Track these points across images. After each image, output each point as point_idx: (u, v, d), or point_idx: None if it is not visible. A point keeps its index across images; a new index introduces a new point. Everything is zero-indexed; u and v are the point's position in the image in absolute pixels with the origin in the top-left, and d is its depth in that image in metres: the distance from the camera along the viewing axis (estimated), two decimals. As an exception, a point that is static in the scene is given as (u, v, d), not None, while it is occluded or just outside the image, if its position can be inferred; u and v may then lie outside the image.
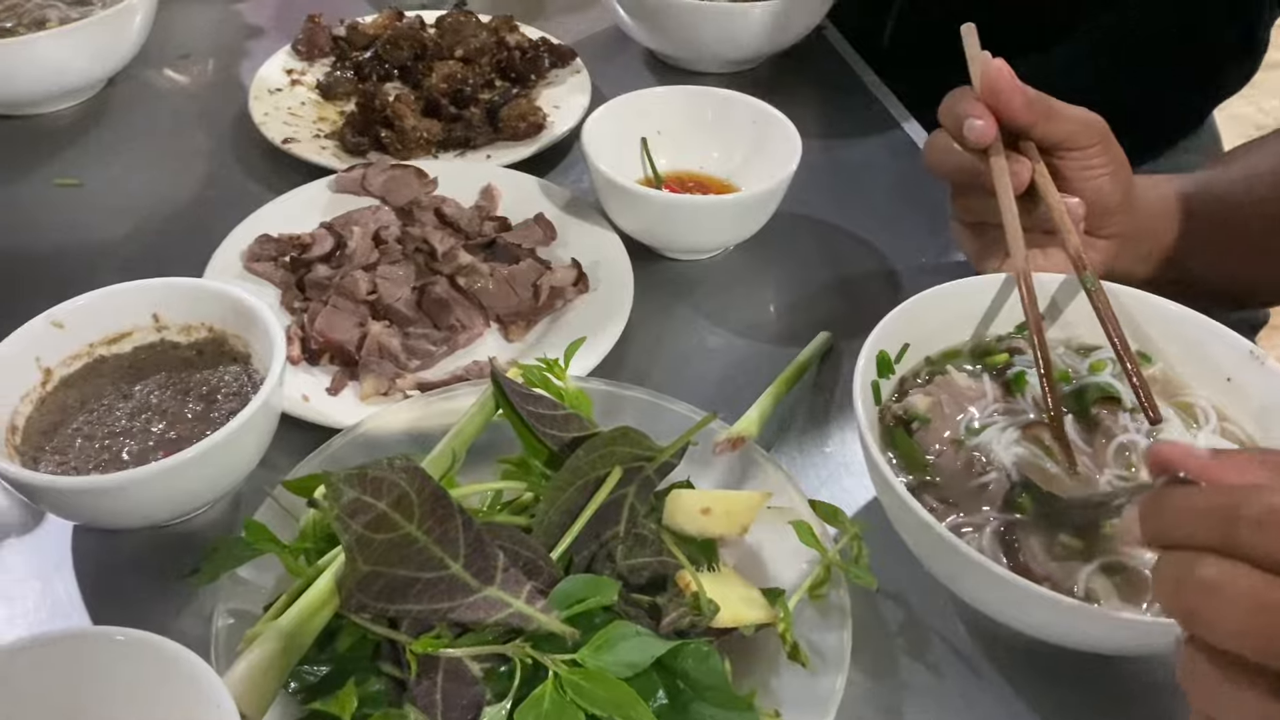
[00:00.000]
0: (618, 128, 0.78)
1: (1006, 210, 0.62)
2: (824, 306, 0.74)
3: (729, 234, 0.75)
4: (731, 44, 0.93)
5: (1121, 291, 0.61)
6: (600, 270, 0.72)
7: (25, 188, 0.81)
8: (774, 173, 0.73)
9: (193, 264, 0.72)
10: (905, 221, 0.81)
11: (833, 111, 0.94)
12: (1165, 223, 0.70)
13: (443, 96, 0.86)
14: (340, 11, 1.03)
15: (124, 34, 0.86)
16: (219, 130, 0.88)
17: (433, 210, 0.75)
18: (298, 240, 0.72)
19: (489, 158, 0.83)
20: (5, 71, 0.82)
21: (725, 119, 0.80)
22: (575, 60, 0.93)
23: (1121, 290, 0.61)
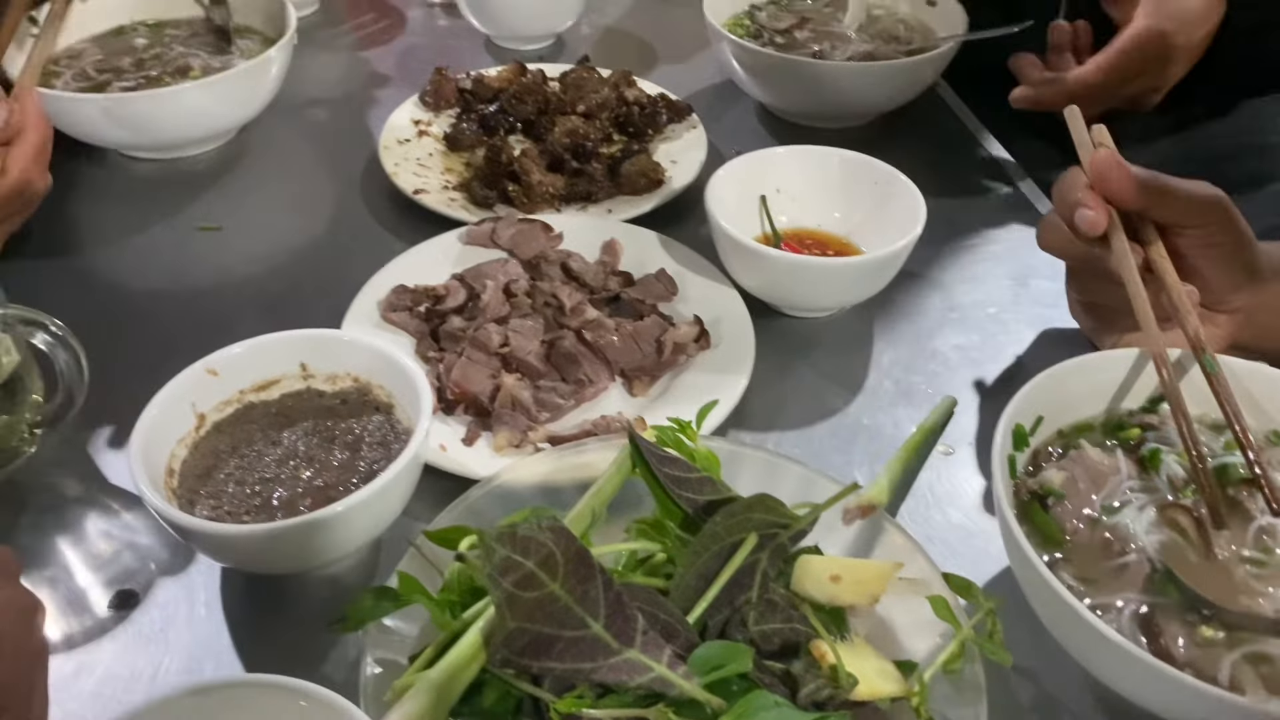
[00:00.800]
0: (738, 185, 0.80)
1: (1136, 296, 0.62)
2: (943, 367, 0.74)
3: (850, 295, 0.75)
4: (846, 102, 0.94)
5: (1245, 368, 0.60)
6: (721, 326, 0.73)
7: (171, 231, 0.85)
8: (895, 234, 0.74)
9: (332, 309, 0.75)
10: (1023, 284, 0.81)
11: (947, 168, 0.94)
12: None
13: (565, 151, 0.88)
14: (463, 62, 1.07)
15: (262, 83, 0.90)
16: (350, 175, 0.91)
17: (559, 265, 0.77)
18: (432, 291, 0.75)
19: (610, 212, 0.85)
20: (153, 118, 0.86)
21: (846, 179, 0.80)
22: (691, 115, 0.94)
23: (1244, 367, 0.61)
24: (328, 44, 1.10)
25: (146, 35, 0.98)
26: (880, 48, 0.96)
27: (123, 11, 0.99)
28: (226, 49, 0.96)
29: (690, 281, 0.77)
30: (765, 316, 0.77)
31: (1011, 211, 0.89)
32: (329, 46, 1.09)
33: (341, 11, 1.15)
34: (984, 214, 0.89)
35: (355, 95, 1.02)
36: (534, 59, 1.09)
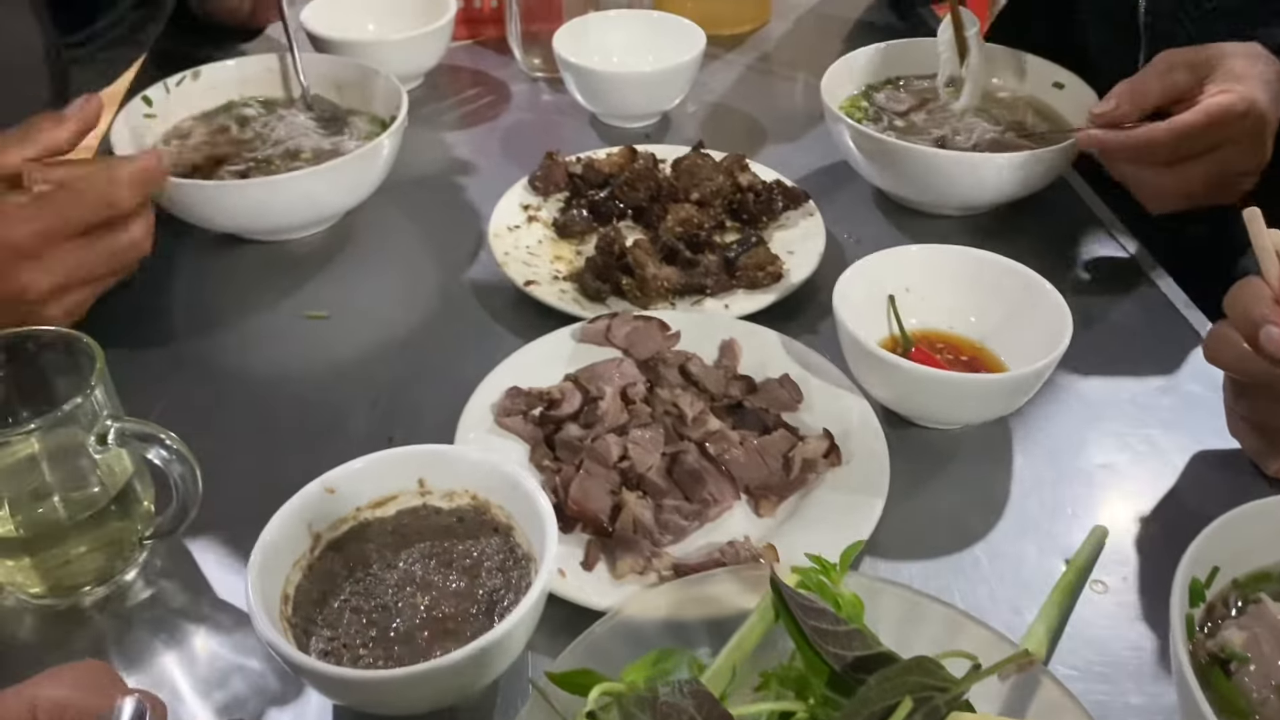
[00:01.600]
0: (865, 284, 0.76)
1: None
2: (1087, 488, 0.69)
3: (989, 411, 0.71)
4: (972, 193, 0.90)
5: None
6: (851, 441, 0.69)
7: (277, 318, 0.84)
8: (1035, 342, 0.70)
9: (442, 406, 0.73)
10: (1171, 393, 0.76)
11: (1079, 261, 0.90)
12: None
13: (678, 240, 0.85)
14: (568, 139, 1.05)
15: (373, 168, 0.88)
16: (457, 261, 0.89)
17: (677, 367, 0.74)
18: (546, 395, 0.72)
19: (727, 307, 0.81)
20: (264, 204, 0.85)
21: (981, 279, 0.76)
22: (808, 202, 0.91)
23: None
24: (432, 120, 1.09)
25: (256, 112, 0.97)
26: (1006, 134, 0.92)
27: (232, 87, 0.99)
28: (337, 130, 0.95)
29: (815, 387, 0.73)
30: (895, 425, 0.73)
31: (1151, 311, 0.84)
32: (434, 123, 1.08)
33: (446, 86, 1.14)
34: (1121, 312, 0.84)
35: (461, 175, 1.00)
36: (640, 136, 1.07)
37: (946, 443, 0.73)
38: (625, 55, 1.09)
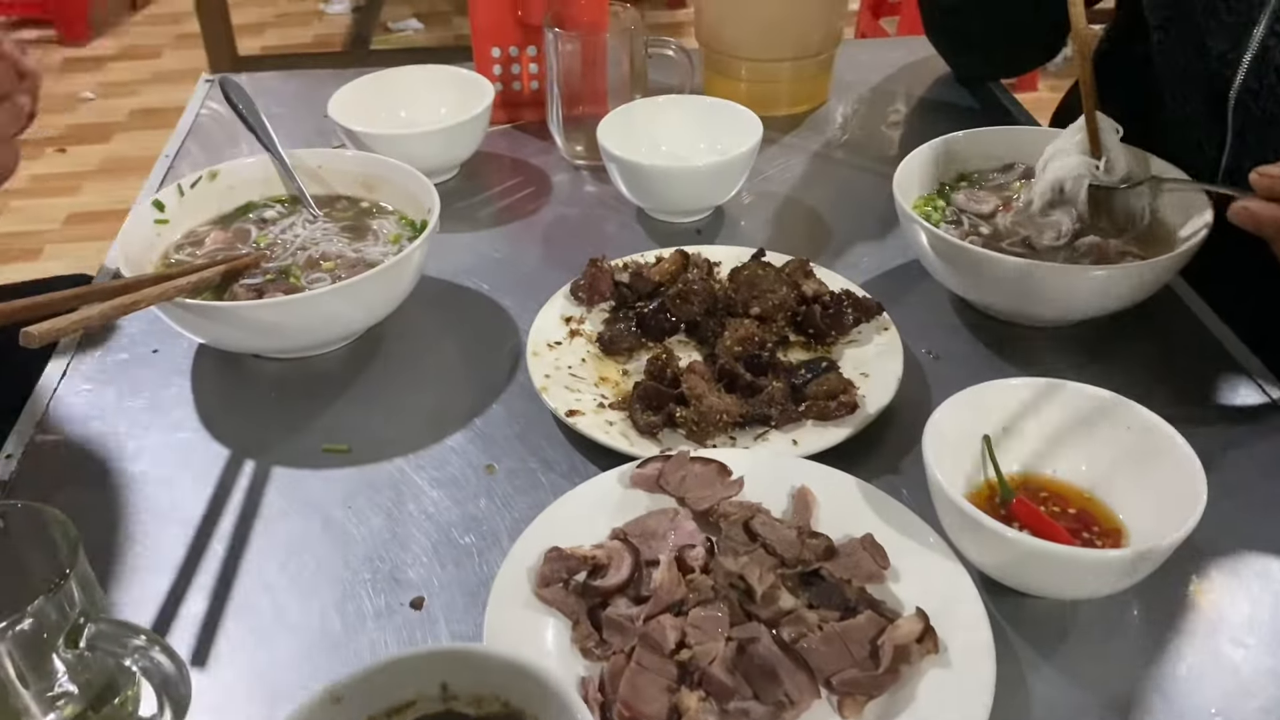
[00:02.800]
0: (958, 423, 0.66)
1: None
2: (1235, 682, 0.58)
3: (1109, 587, 0.60)
4: (1067, 306, 0.80)
5: None
6: (946, 620, 0.59)
7: (297, 450, 0.75)
8: (1155, 497, 0.61)
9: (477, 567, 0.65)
10: (1318, 555, 0.65)
11: (1190, 384, 0.79)
12: None
13: (738, 362, 0.76)
14: (613, 235, 0.97)
15: (401, 280, 0.81)
16: (493, 382, 0.81)
17: (742, 524, 0.64)
18: (591, 559, 0.62)
19: (795, 443, 0.72)
20: (280, 325, 0.77)
21: (1089, 419, 0.66)
22: (882, 314, 0.82)
23: None
24: (468, 216, 1.01)
25: (277, 214, 0.90)
26: (1101, 237, 0.82)
27: (253, 188, 0.92)
28: (362, 234, 0.88)
29: (903, 549, 0.63)
30: (996, 593, 0.63)
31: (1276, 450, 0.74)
32: (469, 219, 1.00)
33: (483, 176, 1.07)
34: (1247, 451, 0.73)
35: (498, 279, 0.92)
36: (691, 232, 0.98)
37: (1061, 614, 0.62)
38: (675, 144, 1.01)
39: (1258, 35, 0.83)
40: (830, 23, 1.13)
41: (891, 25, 3.14)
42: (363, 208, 0.91)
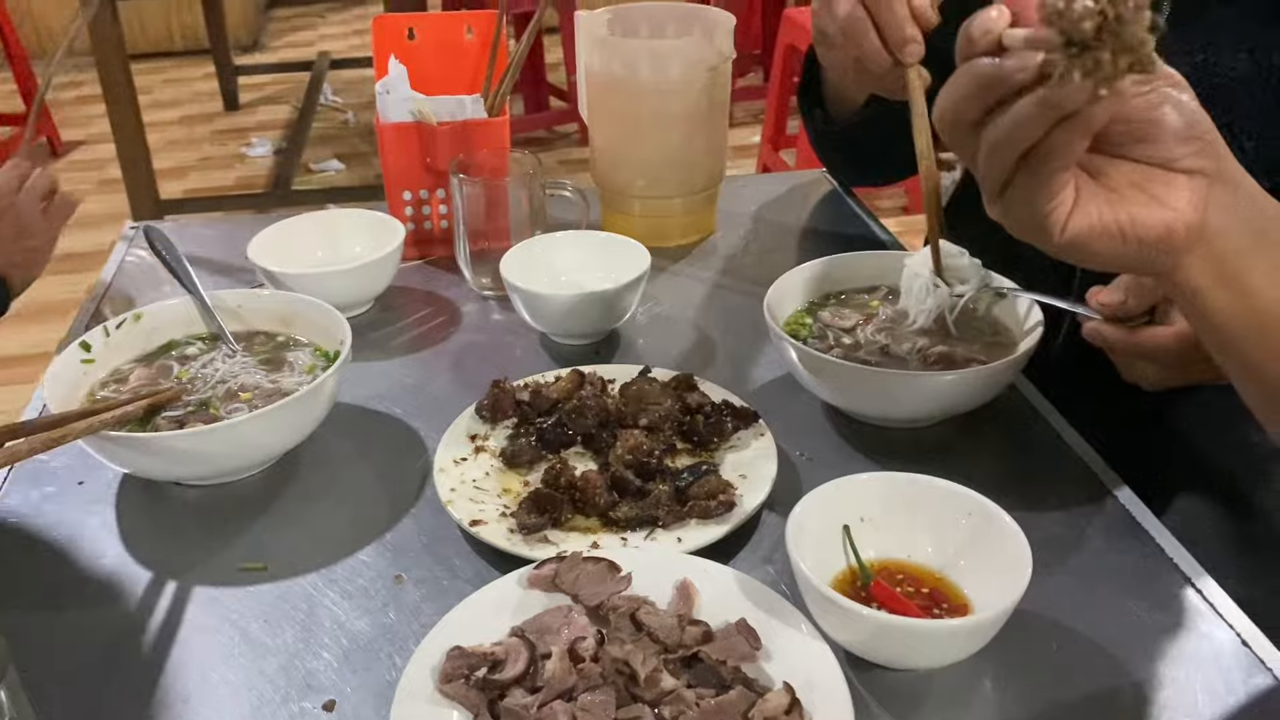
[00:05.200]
0: (819, 515, 0.74)
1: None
2: (1067, 734, 0.66)
3: (957, 653, 0.68)
4: (920, 408, 0.89)
5: None
6: (812, 693, 0.65)
7: (216, 570, 0.80)
8: (993, 573, 0.69)
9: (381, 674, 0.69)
10: (1148, 620, 0.74)
11: (1034, 474, 0.88)
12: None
13: (628, 470, 0.83)
14: (518, 358, 1.05)
15: (316, 407, 0.87)
16: (404, 497, 0.87)
17: (629, 616, 0.70)
18: (490, 655, 0.68)
19: (680, 540, 0.79)
20: (201, 452, 0.82)
21: (937, 509, 0.75)
22: (759, 421, 0.90)
23: None
24: (381, 345, 1.08)
25: (197, 350, 0.96)
26: (954, 346, 0.92)
27: (175, 327, 0.98)
28: (278, 366, 0.94)
29: (773, 631, 0.70)
30: (858, 668, 0.70)
31: (1111, 528, 0.82)
32: (383, 348, 1.07)
33: (396, 308, 1.14)
34: (1079, 531, 0.82)
35: (409, 402, 0.99)
36: (590, 352, 1.06)
37: (915, 687, 0.69)
38: (572, 274, 1.10)
39: None
40: (712, 164, 1.24)
41: (791, 157, 3.34)
42: (279, 341, 0.98)
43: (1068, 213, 0.57)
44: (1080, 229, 0.57)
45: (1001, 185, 0.58)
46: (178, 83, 4.77)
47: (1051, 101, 0.52)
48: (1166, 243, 0.58)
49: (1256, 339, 0.62)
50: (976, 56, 0.55)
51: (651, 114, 1.19)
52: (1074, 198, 0.57)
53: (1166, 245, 0.58)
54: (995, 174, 0.57)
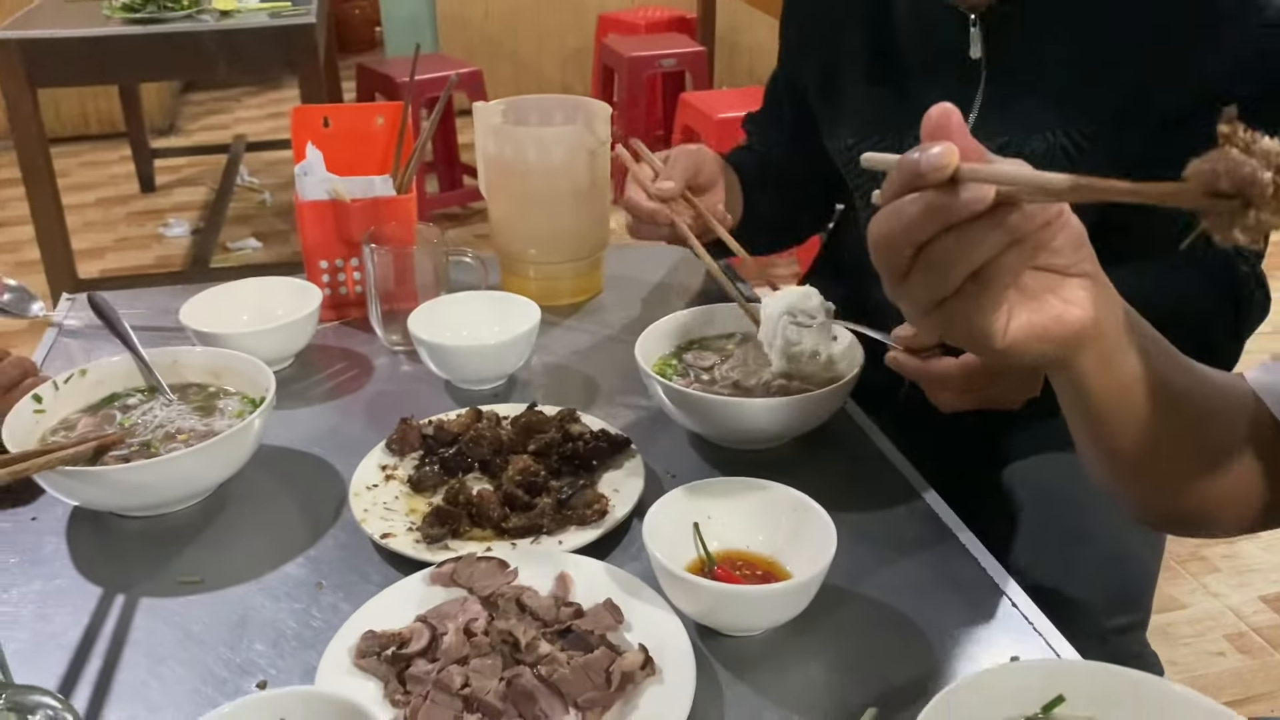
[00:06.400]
0: (673, 515, 0.90)
1: (1016, 171, 0.58)
2: (868, 679, 0.82)
3: (779, 616, 0.84)
4: (764, 431, 1.06)
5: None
6: (665, 653, 0.80)
7: (156, 584, 0.92)
8: (813, 554, 0.84)
9: (308, 656, 0.82)
10: (933, 590, 0.91)
11: (857, 482, 1.05)
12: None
13: (518, 488, 0.98)
14: (425, 404, 1.19)
15: (244, 445, 1.00)
16: (323, 520, 1.00)
17: (515, 600, 0.85)
18: (398, 636, 0.82)
19: (560, 543, 0.94)
20: (145, 484, 0.95)
21: (767, 506, 0.91)
22: (630, 446, 1.06)
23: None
24: (302, 395, 1.22)
25: (138, 401, 1.09)
26: (794, 380, 1.10)
27: (117, 380, 1.11)
28: (210, 412, 1.07)
29: (634, 608, 0.85)
30: (707, 638, 0.85)
31: (919, 523, 1.00)
32: (303, 398, 1.21)
33: (315, 364, 1.28)
34: (892, 525, 0.99)
35: (327, 444, 1.12)
36: (489, 397, 1.21)
37: (751, 649, 0.85)
38: (472, 329, 1.25)
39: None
40: (596, 233, 1.42)
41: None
42: (210, 392, 1.11)
43: (1007, 322, 0.62)
44: (1018, 336, 0.62)
45: (939, 301, 0.60)
46: (94, 166, 4.84)
47: (1012, 228, 0.57)
48: (1077, 340, 0.65)
49: (1120, 413, 0.71)
50: (925, 189, 0.57)
51: (541, 191, 1.37)
52: (1010, 308, 0.62)
53: (1076, 342, 0.65)
54: (934, 290, 0.60)
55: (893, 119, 1.21)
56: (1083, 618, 1.14)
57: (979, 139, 0.60)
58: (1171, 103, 1.06)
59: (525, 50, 5.52)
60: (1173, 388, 0.73)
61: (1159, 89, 1.06)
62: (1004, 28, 1.11)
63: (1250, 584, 2.32)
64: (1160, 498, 0.80)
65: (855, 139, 1.25)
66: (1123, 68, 1.08)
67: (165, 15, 2.90)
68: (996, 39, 1.11)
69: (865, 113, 1.24)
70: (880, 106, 1.22)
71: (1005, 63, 1.12)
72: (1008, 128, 1.12)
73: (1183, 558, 2.38)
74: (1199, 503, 0.79)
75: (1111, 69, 1.08)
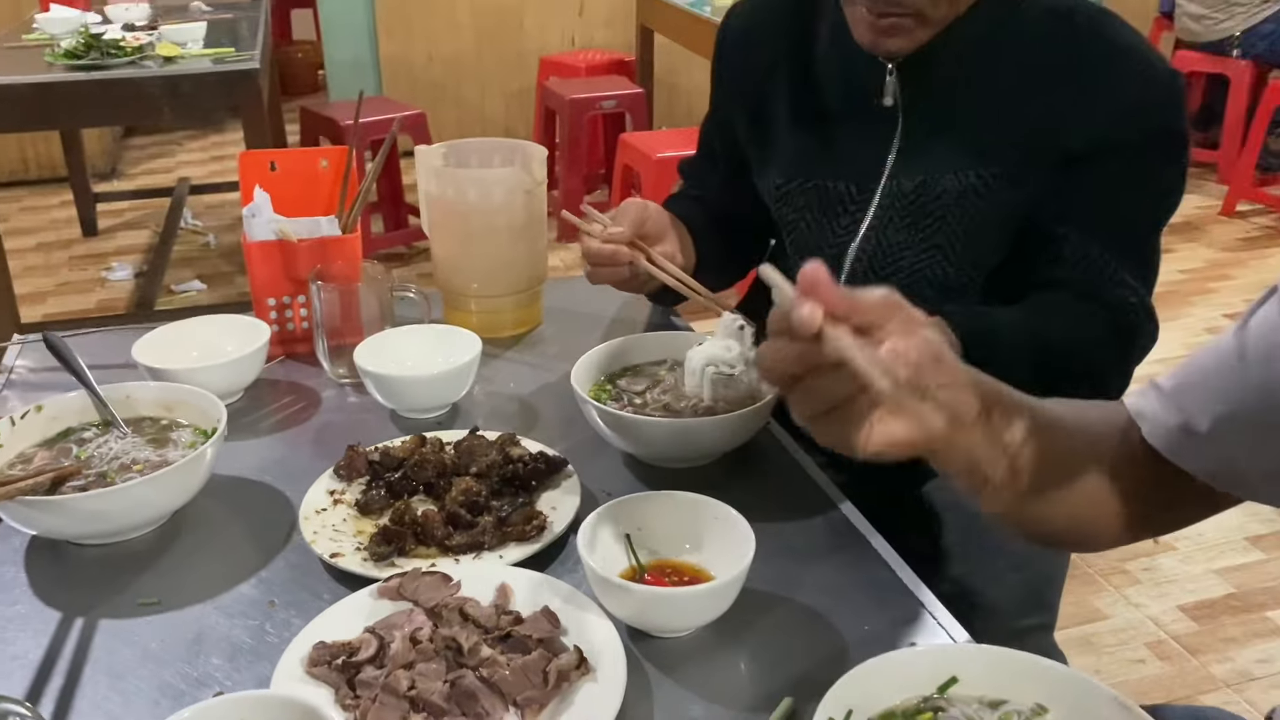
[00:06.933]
0: (606, 528, 0.96)
1: (852, 351, 0.67)
2: (786, 673, 0.89)
3: (702, 616, 0.91)
4: (692, 449, 1.13)
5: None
6: (598, 654, 0.87)
7: (115, 607, 0.97)
8: (735, 561, 0.91)
9: (262, 670, 0.87)
10: (848, 593, 0.98)
11: (780, 496, 1.13)
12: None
13: (461, 508, 1.04)
14: (371, 433, 1.24)
15: (197, 473, 1.05)
16: (274, 544, 1.05)
17: (458, 610, 0.91)
18: (348, 645, 0.87)
19: (501, 557, 1.00)
20: (103, 511, 1.00)
21: (693, 516, 0.98)
22: (567, 467, 1.12)
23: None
24: (252, 428, 1.26)
25: (93, 435, 1.14)
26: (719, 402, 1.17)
27: (72, 416, 1.15)
28: (164, 444, 1.12)
29: (572, 615, 0.91)
30: (638, 640, 0.91)
31: (834, 530, 1.08)
32: (253, 430, 1.26)
33: (264, 397, 1.33)
34: (811, 533, 1.07)
35: (277, 472, 1.17)
36: (433, 425, 1.27)
37: (678, 648, 0.92)
38: (416, 360, 1.31)
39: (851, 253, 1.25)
40: (534, 268, 1.49)
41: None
42: (163, 424, 1.16)
43: (869, 435, 0.73)
44: (879, 446, 0.73)
45: (813, 417, 0.73)
46: (34, 210, 4.82)
47: (860, 376, 0.68)
48: (929, 446, 0.75)
49: (991, 477, 0.81)
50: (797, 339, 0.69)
51: (481, 230, 1.43)
52: (870, 425, 0.73)
53: (930, 447, 0.76)
54: (810, 409, 0.73)
55: (818, 162, 1.30)
56: (994, 619, 1.22)
57: (898, 178, 0.73)
58: (1066, 148, 1.16)
59: (468, 93, 5.60)
60: (1042, 441, 0.82)
61: (1055, 135, 1.16)
62: (918, 77, 1.20)
63: (1169, 594, 2.43)
64: (1036, 526, 0.89)
65: (783, 180, 1.33)
66: (1023, 115, 1.18)
67: (108, 62, 2.93)
68: (911, 87, 1.21)
69: (791, 156, 1.33)
70: (806, 150, 1.31)
71: (919, 109, 1.22)
72: (923, 168, 1.22)
73: (1105, 571, 2.48)
74: (1071, 525, 0.89)
75: (1013, 116, 1.18)
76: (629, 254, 1.23)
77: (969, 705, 0.76)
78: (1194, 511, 0.88)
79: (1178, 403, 0.83)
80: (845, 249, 1.27)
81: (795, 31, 1.32)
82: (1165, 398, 0.84)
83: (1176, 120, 1.17)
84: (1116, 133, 1.15)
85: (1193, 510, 0.88)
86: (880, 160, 1.24)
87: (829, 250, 1.29)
